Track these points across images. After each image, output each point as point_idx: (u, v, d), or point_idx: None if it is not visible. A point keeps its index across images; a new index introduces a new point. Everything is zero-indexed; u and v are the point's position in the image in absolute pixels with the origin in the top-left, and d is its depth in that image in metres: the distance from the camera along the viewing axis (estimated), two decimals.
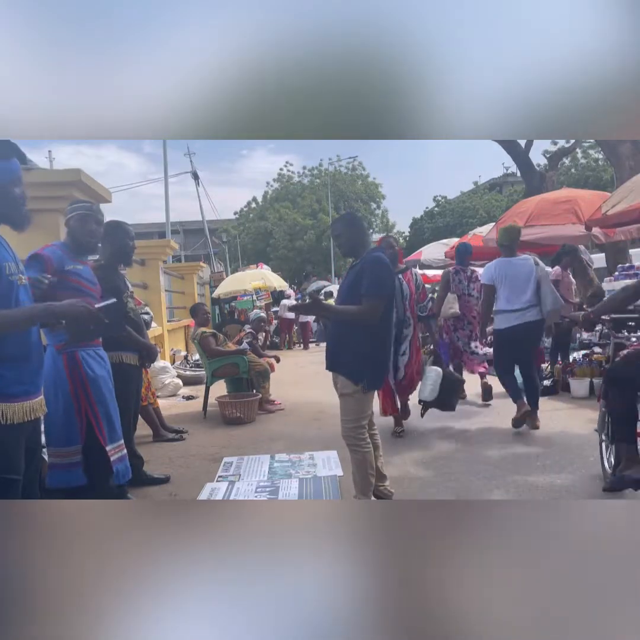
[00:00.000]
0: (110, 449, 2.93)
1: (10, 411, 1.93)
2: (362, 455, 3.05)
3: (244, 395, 6.11)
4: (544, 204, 7.69)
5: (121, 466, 3.01)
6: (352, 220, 3.27)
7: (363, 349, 2.97)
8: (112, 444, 2.95)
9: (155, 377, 7.21)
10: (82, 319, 2.09)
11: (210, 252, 23.48)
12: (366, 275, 2.97)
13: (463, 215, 30.39)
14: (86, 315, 2.09)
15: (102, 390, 2.92)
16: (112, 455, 2.93)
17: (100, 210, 3.07)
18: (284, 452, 4.57)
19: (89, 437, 2.88)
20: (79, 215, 2.96)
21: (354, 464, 3.11)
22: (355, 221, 3.28)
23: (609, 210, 5.60)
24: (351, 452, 3.10)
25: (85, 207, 3.01)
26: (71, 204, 3.06)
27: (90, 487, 2.91)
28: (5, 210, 2.03)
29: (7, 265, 1.96)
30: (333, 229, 3.33)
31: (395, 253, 4.79)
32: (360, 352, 2.97)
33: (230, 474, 4.08)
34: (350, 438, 3.05)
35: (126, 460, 3.09)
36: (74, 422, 2.85)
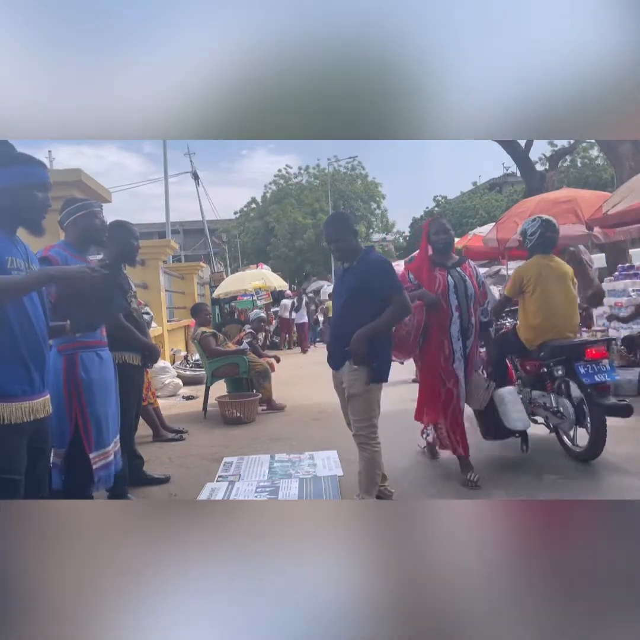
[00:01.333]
0: (94, 456, 2.83)
1: (7, 411, 1.91)
2: (371, 454, 3.07)
3: (244, 395, 6.11)
4: (544, 204, 7.69)
5: (104, 473, 2.89)
6: (347, 224, 3.16)
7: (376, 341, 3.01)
8: (97, 451, 2.85)
9: (155, 377, 7.21)
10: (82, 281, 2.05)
11: (210, 252, 23.50)
12: (379, 277, 3.02)
13: (463, 215, 30.40)
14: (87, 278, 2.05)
15: (94, 395, 2.84)
16: (95, 463, 2.83)
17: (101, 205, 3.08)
18: (284, 452, 4.57)
19: (74, 442, 2.81)
20: (93, 213, 2.95)
21: (361, 462, 3.12)
22: (350, 224, 3.18)
23: (609, 209, 5.61)
24: (360, 450, 3.11)
25: (93, 205, 3.00)
26: (68, 203, 3.02)
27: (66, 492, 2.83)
28: (24, 213, 2.05)
29: (11, 260, 1.96)
30: (328, 233, 3.17)
31: (450, 239, 3.75)
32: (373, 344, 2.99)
33: (230, 474, 4.09)
34: (361, 437, 3.08)
35: (111, 467, 2.96)
36: (65, 425, 2.81)
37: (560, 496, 3.33)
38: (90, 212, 2.95)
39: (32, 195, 2.04)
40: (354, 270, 3.12)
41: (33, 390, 2.03)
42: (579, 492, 3.39)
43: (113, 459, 2.99)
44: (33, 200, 2.05)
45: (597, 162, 24.72)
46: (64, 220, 2.95)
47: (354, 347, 2.97)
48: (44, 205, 2.09)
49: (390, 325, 3.09)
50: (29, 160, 2.07)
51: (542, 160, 19.41)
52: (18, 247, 2.05)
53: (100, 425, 2.88)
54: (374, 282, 3.01)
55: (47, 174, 2.13)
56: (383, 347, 3.08)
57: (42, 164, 2.12)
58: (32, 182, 2.05)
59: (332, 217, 3.41)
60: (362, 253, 3.15)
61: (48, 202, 2.11)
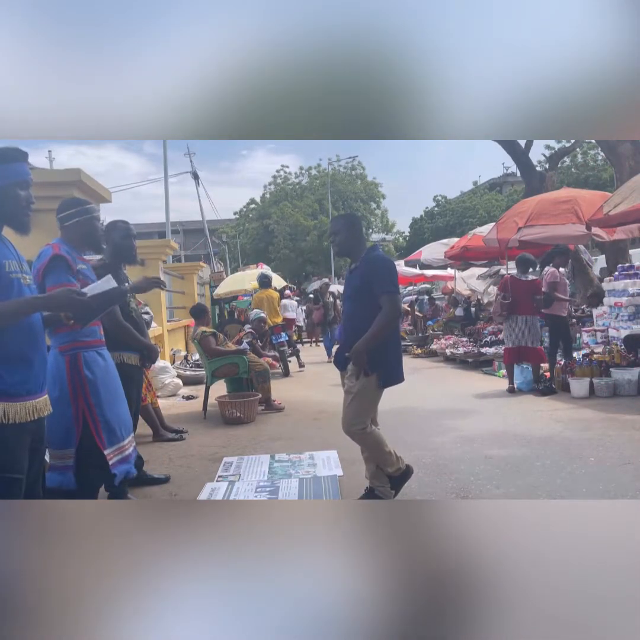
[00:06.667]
0: (108, 452, 2.88)
1: (12, 410, 1.92)
2: (369, 439, 3.10)
3: (244, 395, 6.11)
4: (544, 203, 7.70)
5: (122, 468, 2.96)
6: (352, 221, 3.26)
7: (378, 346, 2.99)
8: (111, 447, 2.91)
9: (155, 377, 7.20)
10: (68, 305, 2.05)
11: (210, 252, 23.49)
12: (376, 275, 3.00)
13: (463, 215, 30.39)
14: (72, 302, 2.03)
15: (100, 393, 2.88)
16: (110, 459, 2.89)
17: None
18: (284, 452, 4.57)
19: (87, 440, 2.85)
20: (95, 218, 2.97)
21: (367, 450, 3.18)
22: (356, 222, 3.28)
23: (610, 210, 5.60)
24: (358, 441, 3.16)
25: (95, 209, 3.02)
26: (72, 203, 3.01)
27: (80, 489, 2.87)
28: (8, 211, 2.03)
29: (8, 263, 1.96)
30: (333, 224, 3.30)
31: None
32: (376, 349, 2.98)
33: (230, 474, 4.08)
34: (352, 433, 3.11)
35: (131, 460, 3.04)
36: (71, 424, 2.83)
37: (563, 496, 3.33)
38: (93, 217, 2.97)
39: (15, 194, 2.01)
40: (358, 269, 3.13)
41: (36, 390, 2.04)
42: (579, 492, 3.38)
43: (132, 452, 3.07)
44: (16, 199, 2.02)
45: (597, 162, 24.71)
46: (65, 220, 2.93)
47: (354, 360, 2.98)
48: (27, 203, 2.06)
49: (384, 331, 2.99)
50: (10, 158, 2.02)
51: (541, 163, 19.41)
52: (9, 248, 2.04)
53: (111, 421, 2.92)
54: (372, 280, 3.00)
55: (27, 170, 2.09)
56: (389, 352, 3.06)
57: (22, 158, 2.05)
58: (14, 181, 2.01)
59: (343, 213, 3.52)
60: (366, 252, 3.14)
61: (31, 199, 2.08)
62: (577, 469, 3.79)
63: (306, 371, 9.63)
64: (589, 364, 6.42)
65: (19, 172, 2.04)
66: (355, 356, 2.96)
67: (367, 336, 2.95)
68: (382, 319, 2.95)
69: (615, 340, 7.21)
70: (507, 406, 5.91)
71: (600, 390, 6.04)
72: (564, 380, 6.40)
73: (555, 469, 3.80)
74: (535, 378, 6.55)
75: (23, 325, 1.98)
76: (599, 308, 8.29)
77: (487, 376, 8.07)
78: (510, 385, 6.62)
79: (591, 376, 6.22)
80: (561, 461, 3.95)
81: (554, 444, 4.39)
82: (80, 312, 2.17)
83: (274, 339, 8.92)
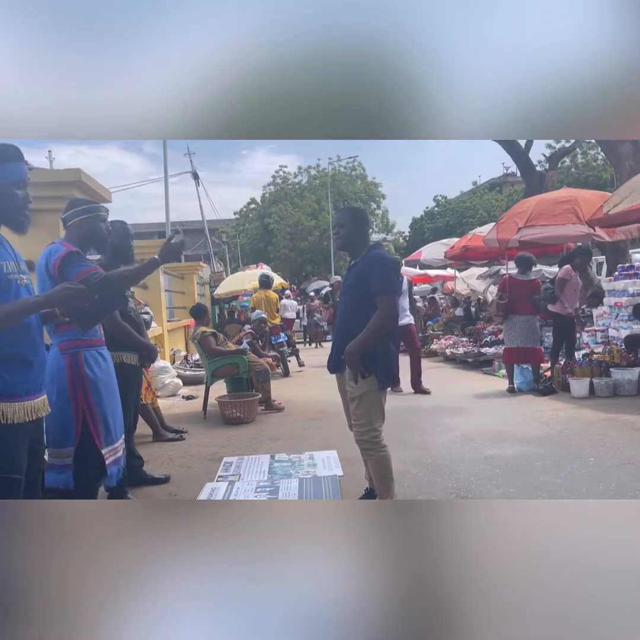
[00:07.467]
0: (105, 452, 2.89)
1: (10, 410, 1.92)
2: (377, 458, 2.96)
3: (244, 395, 6.11)
4: (544, 204, 7.70)
5: (115, 469, 2.97)
6: (360, 215, 3.16)
7: (376, 346, 2.90)
8: (107, 447, 2.91)
9: (155, 377, 7.20)
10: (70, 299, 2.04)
11: (210, 252, 23.48)
12: (374, 274, 2.89)
13: (463, 215, 30.39)
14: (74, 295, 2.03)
15: (101, 393, 2.89)
16: (107, 459, 2.90)
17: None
18: (284, 452, 4.57)
19: (85, 439, 2.86)
20: (99, 217, 2.94)
21: (371, 467, 3.07)
22: (363, 217, 3.18)
23: (610, 210, 5.61)
24: (366, 456, 3.04)
25: (100, 209, 3.00)
26: (76, 203, 3.00)
27: (78, 489, 2.87)
28: (5, 211, 2.02)
29: (5, 264, 1.96)
30: (339, 216, 3.18)
31: None
32: (373, 350, 2.90)
33: (230, 474, 4.08)
34: (364, 442, 2.97)
35: (121, 462, 3.04)
36: (70, 423, 2.83)
37: (563, 496, 3.33)
38: (96, 216, 2.95)
39: (13, 193, 2.01)
40: (356, 266, 3.04)
41: (34, 390, 2.04)
42: (579, 492, 3.39)
43: (122, 454, 3.07)
44: (14, 199, 2.01)
45: (597, 162, 24.71)
46: (68, 219, 2.92)
47: (348, 362, 2.88)
48: (25, 203, 2.05)
49: (377, 333, 2.87)
50: (7, 158, 2.01)
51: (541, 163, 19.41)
52: (7, 248, 2.03)
53: (109, 421, 2.93)
54: (369, 279, 2.90)
55: (25, 169, 2.08)
56: (385, 353, 2.96)
57: (19, 157, 2.05)
58: (11, 181, 2.00)
59: (351, 207, 3.43)
60: (367, 249, 3.05)
61: (28, 198, 2.07)
62: (577, 469, 3.79)
63: (306, 371, 9.63)
64: (589, 364, 6.42)
65: (16, 171, 2.03)
66: (349, 359, 2.87)
67: (361, 337, 2.85)
68: (376, 321, 2.84)
69: (615, 340, 7.22)
70: (507, 406, 5.91)
71: (600, 390, 6.04)
72: (564, 380, 6.40)
73: (555, 469, 3.80)
74: (535, 378, 6.55)
75: (21, 326, 1.98)
76: (599, 308, 8.30)
77: (487, 376, 8.07)
78: (510, 385, 6.62)
79: (591, 376, 6.22)
80: (561, 461, 3.95)
81: (554, 444, 4.39)
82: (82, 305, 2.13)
83: (273, 340, 8.92)
